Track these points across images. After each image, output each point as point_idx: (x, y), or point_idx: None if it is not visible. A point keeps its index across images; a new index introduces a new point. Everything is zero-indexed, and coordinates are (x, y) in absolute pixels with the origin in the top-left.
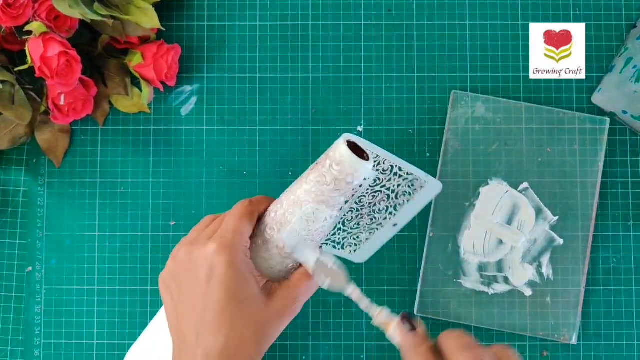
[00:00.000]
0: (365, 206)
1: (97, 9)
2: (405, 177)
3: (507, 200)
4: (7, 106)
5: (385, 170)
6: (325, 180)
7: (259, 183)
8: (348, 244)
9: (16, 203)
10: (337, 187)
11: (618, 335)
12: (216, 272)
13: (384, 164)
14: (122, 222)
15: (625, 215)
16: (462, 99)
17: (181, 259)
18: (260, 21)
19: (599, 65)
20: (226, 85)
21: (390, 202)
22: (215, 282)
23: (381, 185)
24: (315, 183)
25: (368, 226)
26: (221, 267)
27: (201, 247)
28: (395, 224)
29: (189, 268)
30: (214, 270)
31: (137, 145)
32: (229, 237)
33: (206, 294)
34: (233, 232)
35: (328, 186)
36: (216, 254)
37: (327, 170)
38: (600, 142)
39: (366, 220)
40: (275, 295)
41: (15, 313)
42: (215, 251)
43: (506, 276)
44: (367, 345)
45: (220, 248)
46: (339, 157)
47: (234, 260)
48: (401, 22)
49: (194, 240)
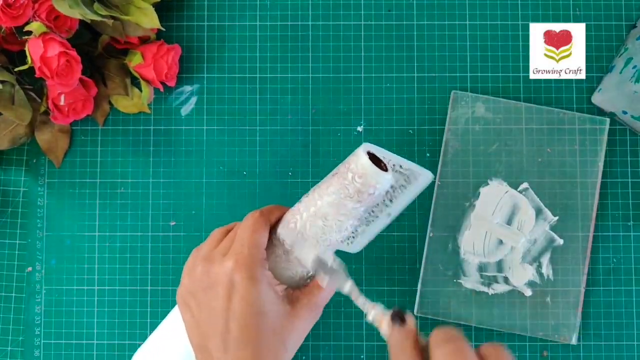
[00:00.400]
0: None
1: (97, 9)
2: (404, 172)
3: (507, 200)
4: (7, 106)
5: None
6: (348, 193)
7: (259, 183)
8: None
9: (16, 203)
10: (359, 198)
11: (618, 336)
12: (237, 289)
13: (389, 163)
14: (122, 222)
15: (625, 215)
16: (462, 99)
17: (199, 277)
18: (260, 21)
19: (599, 65)
20: (226, 85)
21: (387, 195)
22: (238, 299)
23: None
24: (337, 195)
25: (366, 219)
26: (242, 283)
27: (219, 264)
28: (389, 214)
29: (208, 286)
30: (235, 286)
31: (137, 145)
32: (246, 252)
33: (229, 311)
34: (249, 247)
35: (351, 198)
36: (235, 271)
37: (349, 182)
38: (600, 142)
39: (364, 215)
40: (298, 302)
41: (15, 313)
42: (234, 268)
43: (506, 276)
44: (367, 345)
45: (238, 264)
46: (361, 169)
47: (253, 275)
48: (401, 22)
49: (209, 257)
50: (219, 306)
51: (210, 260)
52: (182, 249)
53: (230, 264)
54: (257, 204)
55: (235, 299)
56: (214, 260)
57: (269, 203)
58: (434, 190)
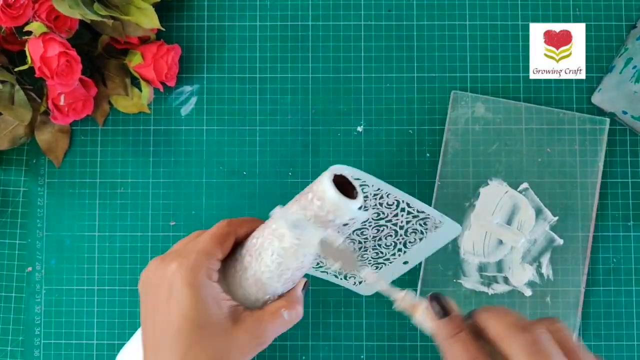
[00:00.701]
0: (368, 239)
1: (97, 9)
2: (416, 214)
3: (507, 200)
4: (7, 106)
5: (391, 205)
6: (306, 215)
7: (259, 183)
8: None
9: (16, 203)
10: (317, 222)
11: (618, 336)
12: (174, 293)
13: (387, 197)
14: (122, 222)
15: (625, 215)
16: (462, 99)
17: (149, 272)
18: (260, 21)
19: (599, 66)
20: (226, 86)
21: (398, 238)
22: (173, 303)
23: (386, 219)
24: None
25: (374, 260)
26: (179, 288)
27: (166, 264)
28: (406, 262)
29: (153, 283)
30: (172, 290)
31: (137, 145)
32: (192, 258)
33: (166, 313)
34: (197, 253)
35: (308, 221)
36: (175, 274)
37: (308, 203)
38: (600, 142)
39: (371, 254)
40: (242, 324)
41: (15, 313)
42: (175, 271)
43: (506, 276)
44: (367, 345)
45: (180, 268)
46: (321, 192)
47: (193, 282)
48: (401, 22)
49: (166, 255)
50: (159, 306)
51: (164, 258)
52: None
53: (174, 266)
54: (257, 204)
55: (171, 302)
56: (166, 259)
57: (269, 203)
58: (434, 190)
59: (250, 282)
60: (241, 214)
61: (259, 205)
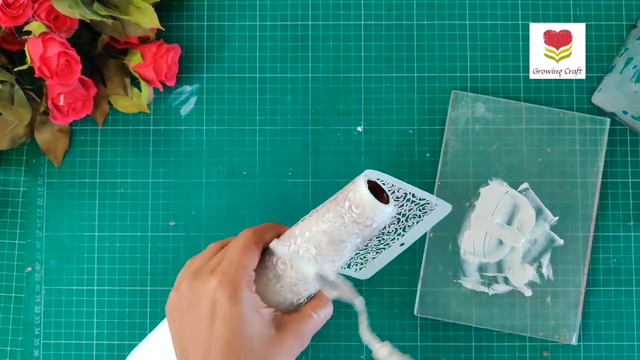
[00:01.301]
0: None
1: (96, 9)
2: (417, 202)
3: (507, 200)
4: (6, 106)
5: (399, 198)
6: (344, 222)
7: (259, 183)
8: (354, 263)
9: (16, 203)
10: (356, 229)
11: (618, 336)
12: (219, 309)
13: (398, 192)
14: (122, 222)
15: (626, 215)
16: (462, 99)
17: (184, 292)
18: (260, 21)
19: (599, 65)
20: (226, 85)
21: (400, 224)
22: (219, 319)
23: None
24: (333, 223)
25: (376, 247)
26: (224, 304)
27: (203, 281)
28: (403, 244)
29: (191, 303)
30: (217, 307)
31: (136, 145)
32: (232, 272)
33: (211, 330)
34: (236, 267)
35: (346, 228)
36: (218, 291)
37: (345, 211)
38: (600, 142)
39: (374, 242)
40: (284, 329)
41: (14, 313)
42: (217, 287)
43: (506, 276)
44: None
45: (222, 284)
46: (359, 200)
47: (237, 297)
48: (401, 22)
49: (197, 273)
50: (200, 325)
51: (196, 276)
52: (182, 249)
53: (215, 282)
54: (257, 204)
55: (216, 319)
56: (200, 276)
57: (269, 203)
58: (434, 191)
59: (286, 289)
60: (241, 214)
61: (259, 205)
